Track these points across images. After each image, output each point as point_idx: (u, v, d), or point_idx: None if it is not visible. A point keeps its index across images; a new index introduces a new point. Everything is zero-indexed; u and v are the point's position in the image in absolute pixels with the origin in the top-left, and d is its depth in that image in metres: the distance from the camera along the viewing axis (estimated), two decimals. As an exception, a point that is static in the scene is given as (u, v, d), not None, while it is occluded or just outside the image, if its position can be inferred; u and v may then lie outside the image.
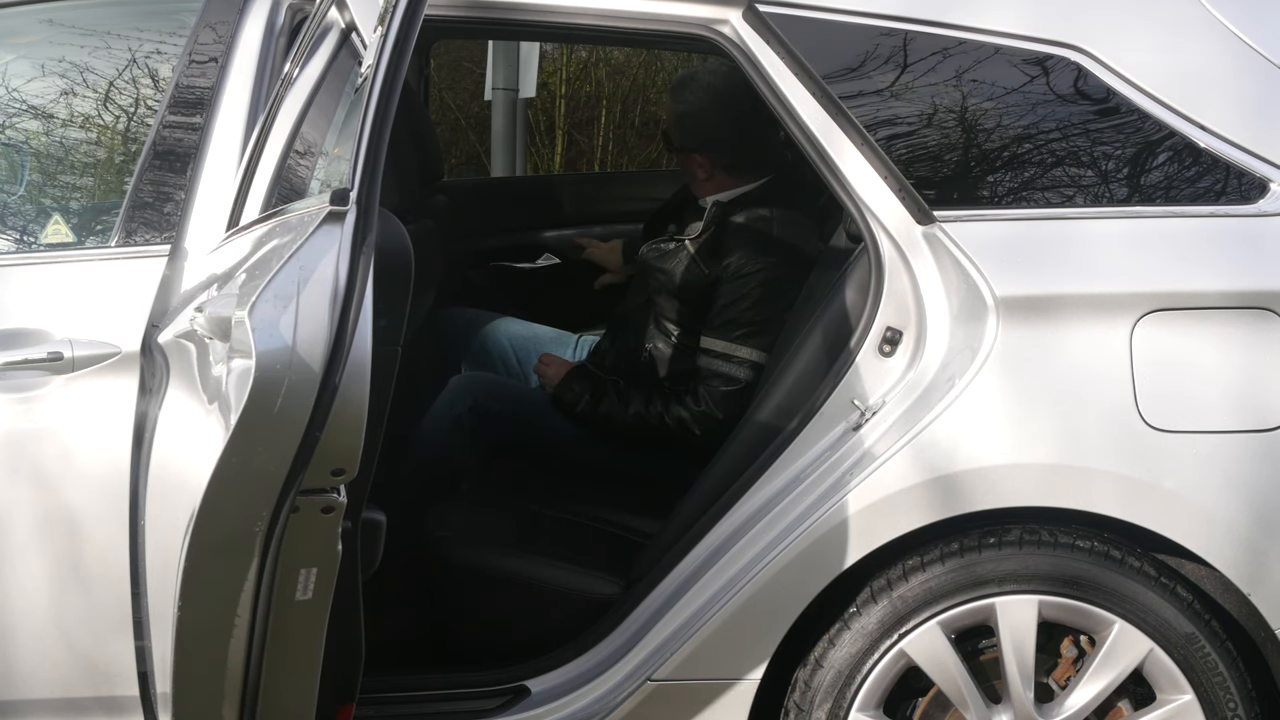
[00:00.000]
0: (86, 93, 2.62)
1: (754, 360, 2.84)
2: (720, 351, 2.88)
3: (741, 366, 2.84)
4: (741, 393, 2.81)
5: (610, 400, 2.97)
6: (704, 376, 2.88)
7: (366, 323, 1.79)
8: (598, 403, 2.98)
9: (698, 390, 2.87)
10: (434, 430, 3.04)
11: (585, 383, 3.02)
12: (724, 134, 3.01)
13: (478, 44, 6.99)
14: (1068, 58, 2.33)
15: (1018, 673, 2.28)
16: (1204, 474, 2.22)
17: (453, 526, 2.81)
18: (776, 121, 2.40)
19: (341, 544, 1.90)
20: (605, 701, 2.38)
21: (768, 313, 2.86)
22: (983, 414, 2.24)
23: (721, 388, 2.84)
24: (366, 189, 1.80)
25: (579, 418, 3.00)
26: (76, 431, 2.27)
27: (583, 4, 2.39)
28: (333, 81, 2.43)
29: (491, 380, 3.32)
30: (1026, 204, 2.31)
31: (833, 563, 2.27)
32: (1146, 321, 2.23)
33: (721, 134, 3.02)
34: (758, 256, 2.90)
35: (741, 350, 2.85)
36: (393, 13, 1.83)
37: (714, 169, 3.04)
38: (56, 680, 2.33)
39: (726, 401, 2.82)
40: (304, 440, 1.76)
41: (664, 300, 3.04)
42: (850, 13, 2.34)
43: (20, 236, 2.58)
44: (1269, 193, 2.28)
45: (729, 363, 2.86)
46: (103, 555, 2.27)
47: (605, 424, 2.97)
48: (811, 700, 2.32)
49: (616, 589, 2.56)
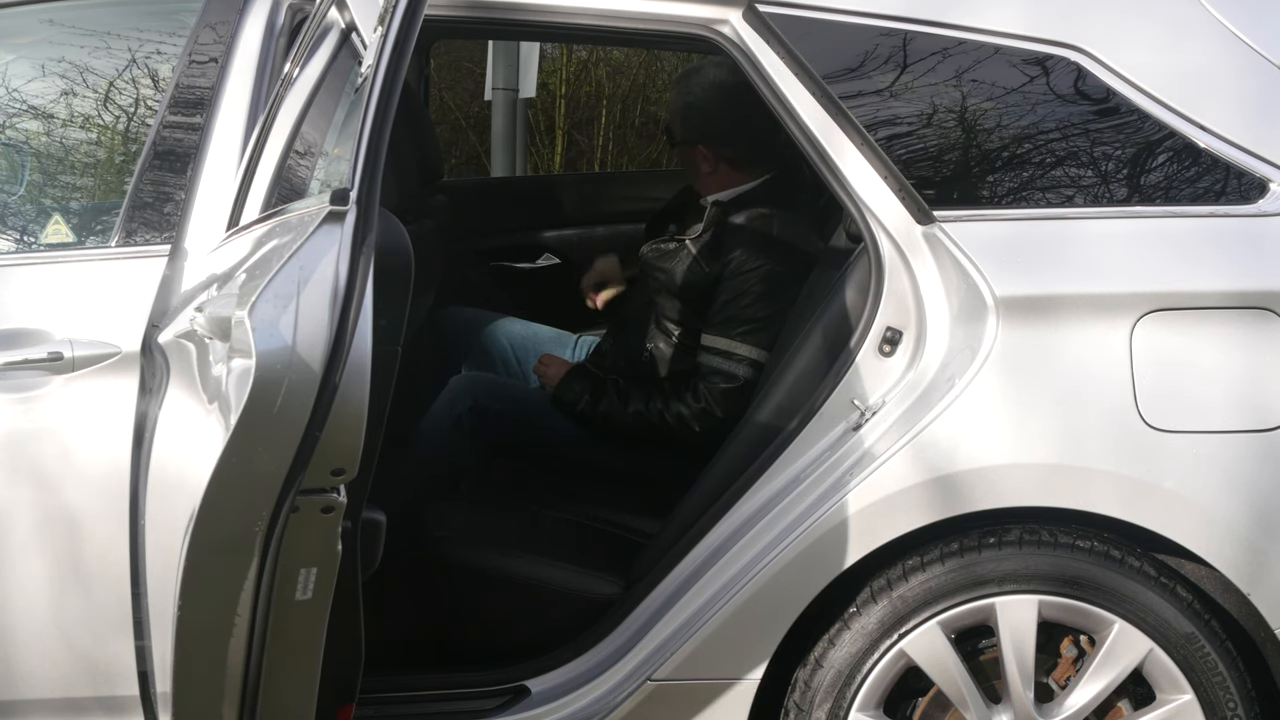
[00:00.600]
0: (86, 93, 2.62)
1: (753, 358, 2.84)
2: (720, 349, 2.87)
3: (741, 364, 2.84)
4: (741, 390, 2.81)
5: (610, 399, 2.97)
6: (704, 374, 2.88)
7: (366, 323, 1.79)
8: (597, 402, 2.98)
9: (697, 388, 2.87)
10: (434, 430, 3.04)
11: (585, 382, 3.02)
12: (727, 126, 3.01)
13: (478, 44, 6.99)
14: (1067, 58, 2.33)
15: (1018, 673, 2.28)
16: (1204, 474, 2.22)
17: (453, 526, 2.81)
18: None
19: (341, 544, 1.90)
20: (605, 701, 2.38)
21: (768, 310, 2.86)
22: (983, 414, 2.24)
23: (721, 385, 2.84)
24: (366, 189, 1.80)
25: (579, 417, 3.00)
26: (76, 431, 2.27)
27: (583, 4, 2.39)
28: (333, 82, 2.43)
29: (491, 380, 3.32)
30: (1026, 204, 2.31)
31: (833, 563, 2.27)
32: (1146, 321, 2.23)
33: (725, 127, 3.01)
34: (758, 254, 2.89)
35: (741, 348, 2.85)
36: (393, 13, 1.83)
37: (717, 162, 3.03)
38: (57, 680, 2.33)
39: (726, 399, 2.82)
40: (304, 440, 1.76)
41: (665, 300, 3.04)
42: (850, 13, 2.34)
43: (20, 236, 2.58)
44: (1269, 193, 2.28)
45: (729, 360, 2.86)
46: (103, 555, 2.27)
47: (605, 423, 2.97)
48: (811, 700, 2.32)
49: (616, 589, 2.56)
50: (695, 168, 3.08)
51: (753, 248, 2.90)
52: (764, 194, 3.01)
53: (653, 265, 3.05)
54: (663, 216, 3.29)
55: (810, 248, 2.93)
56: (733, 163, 3.03)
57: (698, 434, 2.85)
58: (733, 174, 3.03)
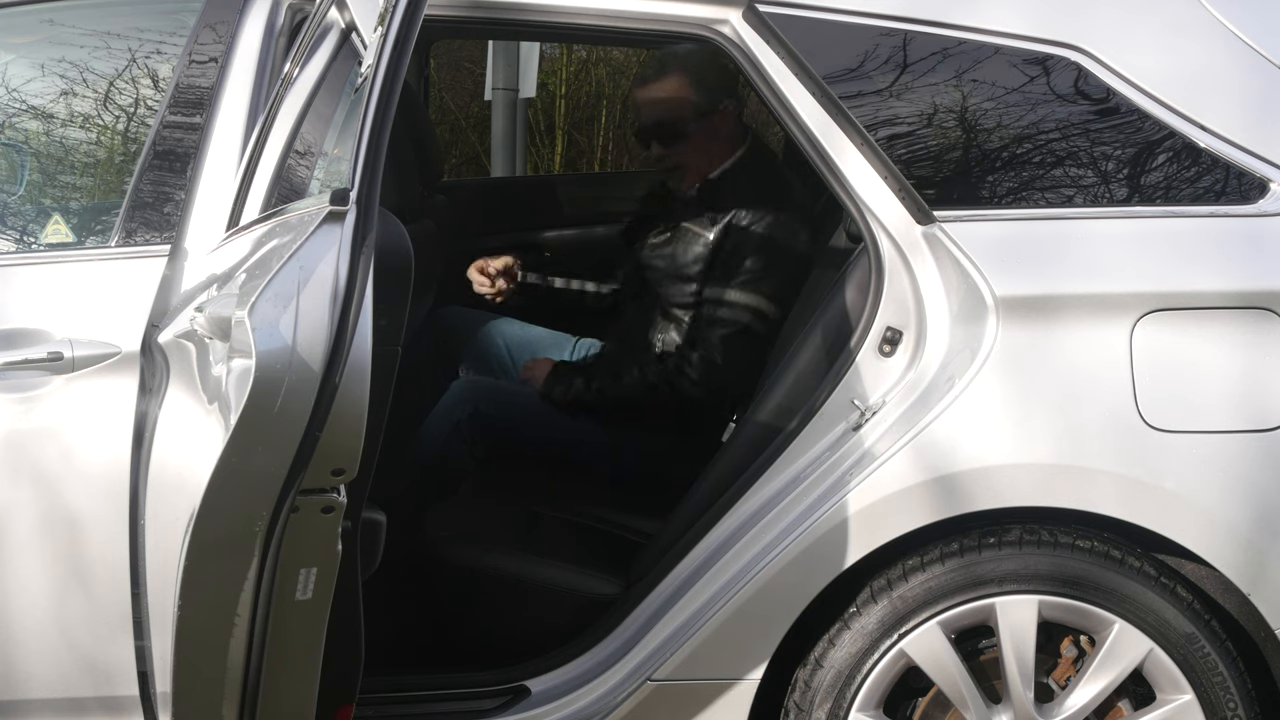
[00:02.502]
0: (86, 93, 2.62)
1: (753, 305, 2.85)
2: (719, 299, 2.90)
3: (741, 311, 2.86)
4: (742, 336, 2.83)
5: (601, 377, 2.98)
6: (703, 324, 2.90)
7: (366, 323, 1.78)
8: (589, 382, 2.98)
9: (695, 339, 2.88)
10: (434, 436, 3.04)
11: (573, 371, 3.03)
12: (710, 100, 3.02)
13: (478, 44, 7.00)
14: (1068, 58, 2.33)
15: (1017, 673, 2.28)
16: (1204, 474, 2.22)
17: (453, 527, 2.82)
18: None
19: (341, 544, 1.90)
20: (605, 701, 2.38)
21: (765, 260, 2.88)
22: (983, 414, 2.24)
23: (720, 331, 2.86)
24: (366, 189, 1.79)
25: (578, 406, 3.01)
26: (77, 431, 2.27)
27: (583, 4, 2.39)
28: (332, 81, 2.42)
29: (491, 385, 3.31)
30: (1026, 204, 2.31)
31: (833, 563, 2.27)
32: (1146, 321, 2.23)
33: (710, 102, 3.02)
34: (755, 210, 2.93)
35: (740, 295, 2.87)
36: (392, 13, 1.83)
37: (709, 140, 3.04)
38: (57, 680, 2.33)
39: (726, 345, 2.84)
40: (304, 440, 1.76)
41: (670, 287, 3.05)
42: (850, 13, 2.34)
43: (20, 236, 2.58)
44: (1269, 193, 2.28)
45: (730, 308, 2.88)
46: (103, 555, 2.27)
47: (604, 398, 2.98)
48: (811, 700, 2.32)
49: (616, 589, 2.56)
50: (691, 156, 3.06)
51: (751, 206, 2.93)
52: (748, 158, 3.03)
53: (650, 258, 3.06)
54: (642, 222, 3.28)
55: (798, 195, 2.98)
56: (726, 137, 3.04)
57: (698, 387, 2.85)
58: (724, 147, 3.04)
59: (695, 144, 3.05)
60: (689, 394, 2.89)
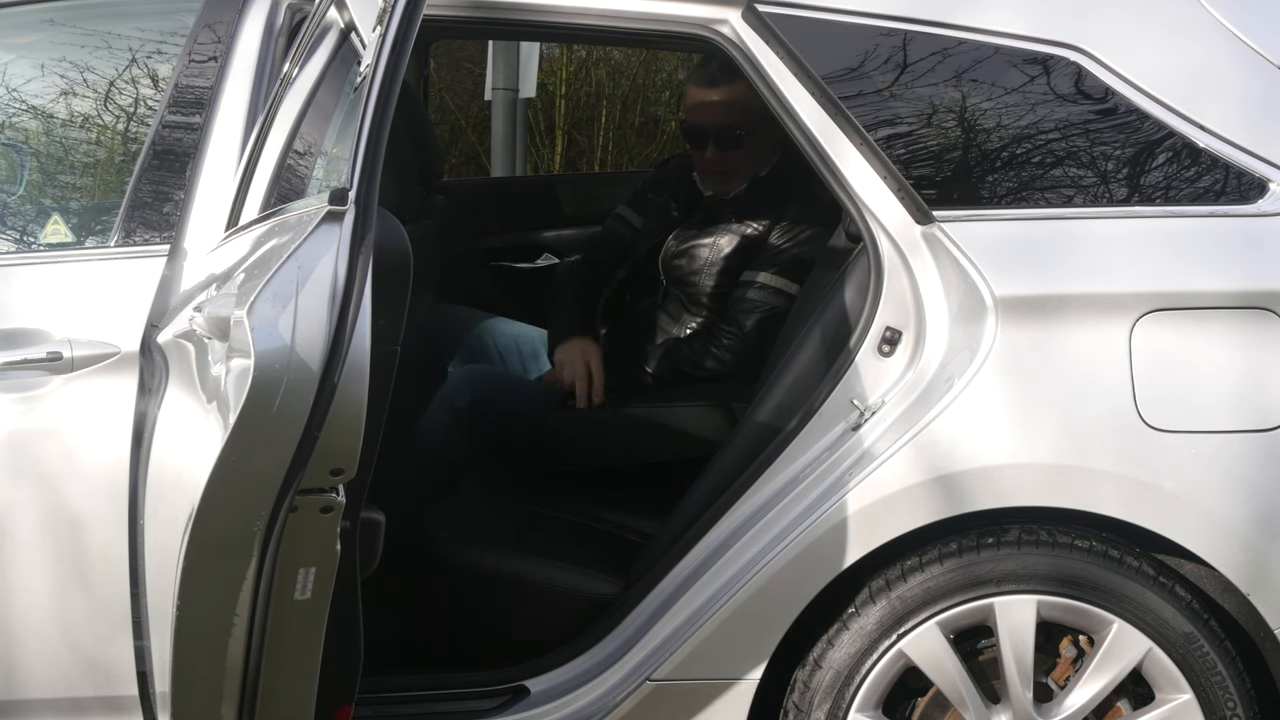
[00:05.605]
0: (86, 93, 2.62)
1: (778, 287, 2.94)
2: (748, 280, 2.99)
3: (771, 294, 2.95)
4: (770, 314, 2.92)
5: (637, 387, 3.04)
6: (737, 305, 2.98)
7: (365, 322, 1.78)
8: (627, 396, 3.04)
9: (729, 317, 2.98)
10: (433, 425, 3.04)
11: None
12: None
13: (478, 44, 7.00)
14: (1067, 58, 2.33)
15: (1016, 673, 2.28)
16: (1204, 474, 2.22)
17: (453, 526, 2.81)
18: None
19: (340, 544, 1.90)
20: (605, 701, 2.38)
21: (802, 249, 2.96)
22: (982, 414, 2.24)
23: (748, 310, 2.95)
24: (365, 189, 1.79)
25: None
26: (76, 431, 2.27)
27: (583, 4, 2.39)
28: (332, 81, 2.42)
29: (490, 373, 3.32)
30: (1026, 204, 2.31)
31: (832, 563, 2.27)
32: (1146, 321, 2.23)
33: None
34: (805, 205, 2.98)
35: (772, 280, 2.96)
36: (392, 12, 1.83)
37: (763, 144, 3.06)
38: (58, 680, 2.33)
39: (758, 324, 2.93)
40: (303, 440, 1.76)
41: (701, 278, 3.09)
42: (850, 13, 2.34)
43: (20, 236, 2.58)
44: (1268, 193, 2.28)
45: (761, 290, 2.96)
46: (103, 554, 2.27)
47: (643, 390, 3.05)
48: (810, 700, 2.32)
49: (616, 589, 2.56)
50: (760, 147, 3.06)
51: (801, 202, 2.99)
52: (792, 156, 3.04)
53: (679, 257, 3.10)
54: (657, 221, 3.27)
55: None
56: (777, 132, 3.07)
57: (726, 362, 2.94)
58: (774, 142, 3.05)
59: (753, 148, 3.05)
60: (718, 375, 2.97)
